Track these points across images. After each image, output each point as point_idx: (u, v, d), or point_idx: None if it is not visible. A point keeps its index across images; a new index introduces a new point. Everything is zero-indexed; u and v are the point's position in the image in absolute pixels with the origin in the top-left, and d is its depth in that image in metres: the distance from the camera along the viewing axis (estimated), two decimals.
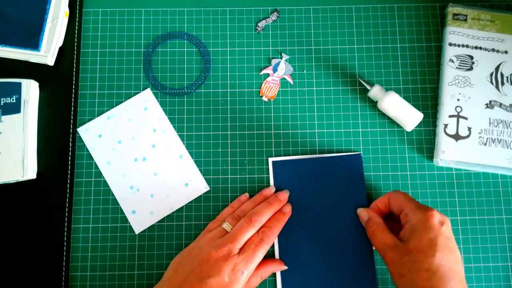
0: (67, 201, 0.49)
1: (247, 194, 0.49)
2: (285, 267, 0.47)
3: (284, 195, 0.48)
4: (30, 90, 0.50)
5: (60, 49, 0.53)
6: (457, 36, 0.52)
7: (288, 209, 0.47)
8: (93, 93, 0.52)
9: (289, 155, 0.51)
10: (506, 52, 0.51)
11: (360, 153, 0.50)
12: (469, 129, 0.50)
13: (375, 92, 0.50)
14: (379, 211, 0.46)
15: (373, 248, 0.48)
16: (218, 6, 0.54)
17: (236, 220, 0.45)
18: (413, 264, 0.38)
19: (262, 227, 0.44)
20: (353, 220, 0.48)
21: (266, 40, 0.54)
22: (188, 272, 0.41)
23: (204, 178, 0.50)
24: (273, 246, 0.48)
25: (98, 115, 0.52)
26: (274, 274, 0.47)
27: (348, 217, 0.48)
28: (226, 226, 0.44)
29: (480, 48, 0.52)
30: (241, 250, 0.42)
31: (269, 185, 0.50)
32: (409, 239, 0.40)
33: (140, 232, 0.49)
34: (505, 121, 0.50)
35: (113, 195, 0.50)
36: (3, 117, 0.49)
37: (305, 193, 0.49)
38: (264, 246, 0.43)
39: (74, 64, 0.53)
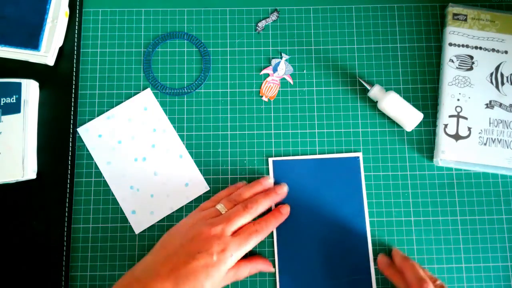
0: (67, 201, 0.49)
1: (244, 182, 0.49)
2: (273, 270, 0.47)
3: (282, 188, 0.48)
4: (30, 90, 0.50)
5: (60, 49, 0.53)
6: (457, 36, 0.52)
7: (286, 210, 0.47)
8: (93, 93, 0.52)
9: (289, 155, 0.51)
10: (506, 52, 0.51)
11: (358, 156, 0.50)
12: (469, 129, 0.50)
13: (375, 92, 0.50)
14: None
15: (370, 249, 0.48)
16: (218, 6, 0.54)
17: (231, 203, 0.45)
18: None
19: (259, 219, 0.44)
20: (351, 220, 0.48)
21: (266, 40, 0.54)
22: (177, 247, 0.41)
23: (204, 178, 0.50)
24: (272, 245, 0.48)
25: (98, 115, 0.52)
26: (274, 274, 0.47)
27: (346, 217, 0.49)
28: (221, 207, 0.44)
29: (480, 48, 0.52)
30: (235, 233, 0.42)
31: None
32: None
33: (140, 232, 0.49)
34: (505, 121, 0.50)
35: (113, 195, 0.50)
36: (3, 117, 0.49)
37: (305, 192, 0.49)
38: (258, 236, 0.43)
39: (74, 64, 0.53)
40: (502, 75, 0.51)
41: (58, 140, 0.51)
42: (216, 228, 0.41)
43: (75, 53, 0.53)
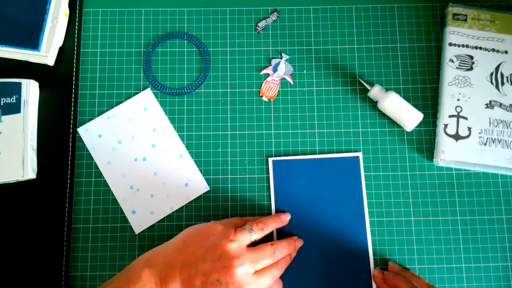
0: (67, 201, 0.49)
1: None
2: None
3: (299, 243, 0.47)
4: (30, 90, 0.50)
5: (60, 49, 0.53)
6: (457, 36, 0.52)
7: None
8: (93, 93, 0.52)
9: (289, 155, 0.51)
10: (506, 52, 0.51)
11: (358, 156, 0.50)
12: (469, 129, 0.50)
13: (375, 92, 0.50)
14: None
15: (370, 249, 0.48)
16: (218, 6, 0.54)
17: (258, 228, 0.44)
18: None
19: (280, 261, 0.44)
20: (351, 220, 0.48)
21: (266, 40, 0.54)
22: (199, 256, 0.40)
23: (204, 178, 0.50)
24: None
25: (98, 115, 0.52)
26: None
27: (346, 217, 0.49)
28: (249, 230, 0.43)
29: (480, 48, 0.52)
30: (257, 274, 0.41)
31: (270, 186, 0.50)
32: None
33: (140, 232, 0.49)
34: (505, 121, 0.50)
35: (113, 195, 0.50)
36: (3, 117, 0.49)
37: (305, 192, 0.49)
38: (275, 277, 0.43)
39: (74, 64, 0.53)
40: (502, 75, 0.51)
41: (58, 140, 0.51)
42: (243, 266, 0.40)
43: (75, 53, 0.53)
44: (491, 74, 0.51)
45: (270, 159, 0.50)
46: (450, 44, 0.52)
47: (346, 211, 0.49)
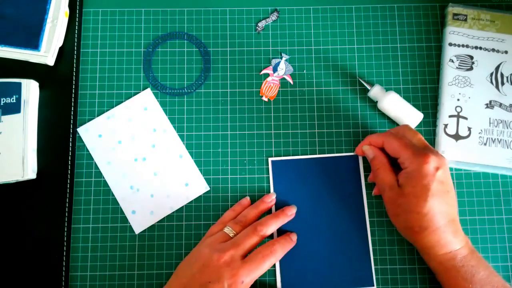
0: (67, 201, 0.49)
1: (248, 198, 0.49)
2: None
3: (291, 210, 0.47)
4: (30, 90, 0.50)
5: (60, 49, 0.53)
6: (457, 36, 0.52)
7: (295, 238, 0.47)
8: (93, 93, 0.52)
9: (289, 155, 0.51)
10: (506, 52, 0.51)
11: (357, 155, 0.50)
12: (469, 129, 0.50)
13: (375, 92, 0.50)
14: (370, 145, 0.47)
15: (370, 249, 0.48)
16: (218, 6, 0.54)
17: (238, 225, 0.44)
18: (407, 206, 0.41)
19: (271, 241, 0.44)
20: (351, 220, 0.48)
21: (266, 40, 0.54)
22: (189, 277, 0.40)
23: (204, 178, 0.50)
24: None
25: (98, 115, 0.52)
26: (274, 274, 0.47)
27: (346, 217, 0.49)
28: (228, 230, 0.44)
29: (480, 48, 0.52)
30: (246, 258, 0.41)
31: (270, 186, 0.50)
32: (404, 185, 0.42)
33: (140, 232, 0.49)
34: (505, 121, 0.50)
35: (113, 195, 0.50)
36: (3, 117, 0.49)
37: (305, 192, 0.49)
38: (271, 259, 0.42)
39: (74, 64, 0.53)
40: (502, 75, 0.51)
41: (58, 140, 0.51)
42: (226, 254, 0.40)
43: (75, 53, 0.53)
44: (491, 74, 0.51)
45: (270, 159, 0.50)
46: (450, 44, 0.52)
47: (346, 211, 0.49)
